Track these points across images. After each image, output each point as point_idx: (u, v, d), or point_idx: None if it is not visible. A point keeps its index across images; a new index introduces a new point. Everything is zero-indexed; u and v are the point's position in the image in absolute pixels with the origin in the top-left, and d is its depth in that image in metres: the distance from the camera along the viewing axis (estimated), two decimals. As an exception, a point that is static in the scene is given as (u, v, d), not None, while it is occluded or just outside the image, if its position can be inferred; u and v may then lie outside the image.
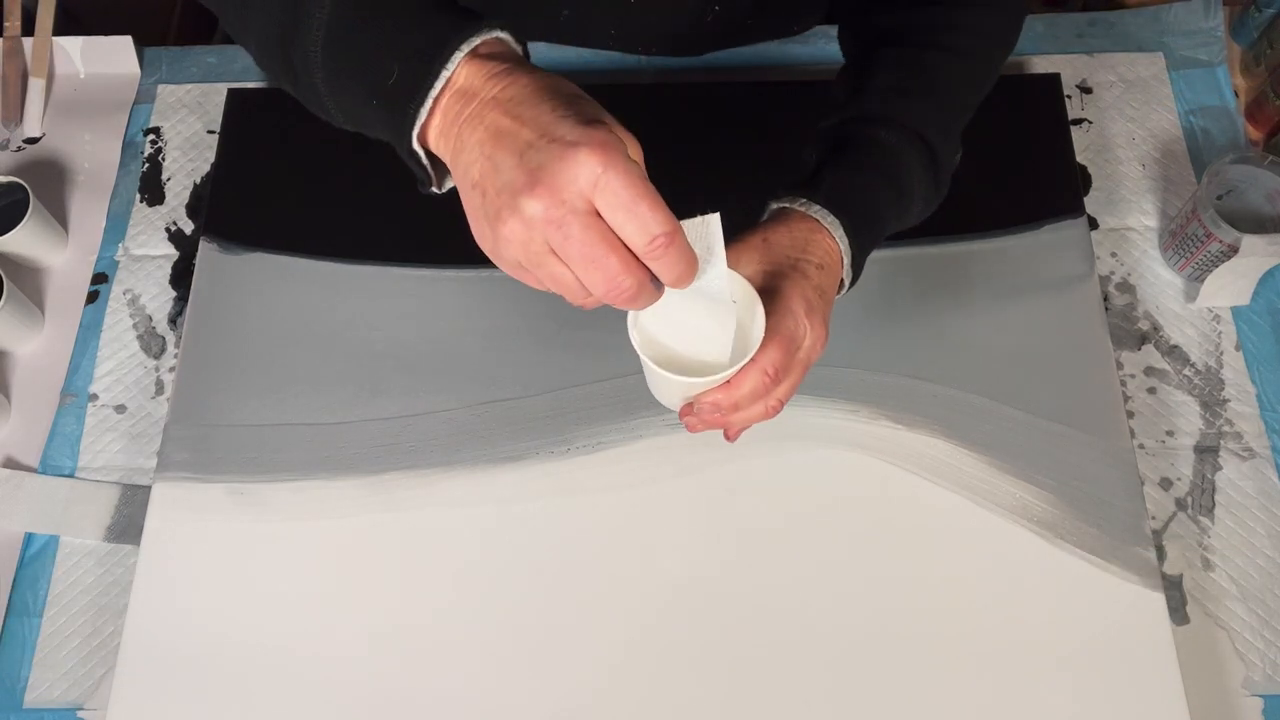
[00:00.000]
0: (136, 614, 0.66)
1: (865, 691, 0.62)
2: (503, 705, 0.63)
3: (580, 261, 0.40)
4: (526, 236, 0.40)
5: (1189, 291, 0.76)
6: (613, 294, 0.41)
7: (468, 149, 0.42)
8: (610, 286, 0.41)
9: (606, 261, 0.40)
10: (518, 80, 0.42)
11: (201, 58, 0.91)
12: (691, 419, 0.52)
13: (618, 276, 0.40)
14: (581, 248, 0.39)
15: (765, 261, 0.53)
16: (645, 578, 0.66)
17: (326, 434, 0.71)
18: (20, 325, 0.77)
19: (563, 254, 0.40)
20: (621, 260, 0.40)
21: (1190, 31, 0.87)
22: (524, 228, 0.40)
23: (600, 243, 0.39)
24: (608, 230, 0.40)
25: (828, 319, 0.53)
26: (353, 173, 0.80)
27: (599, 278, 0.40)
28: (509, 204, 0.40)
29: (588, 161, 0.38)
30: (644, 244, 0.40)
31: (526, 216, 0.39)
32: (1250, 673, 0.65)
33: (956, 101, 0.62)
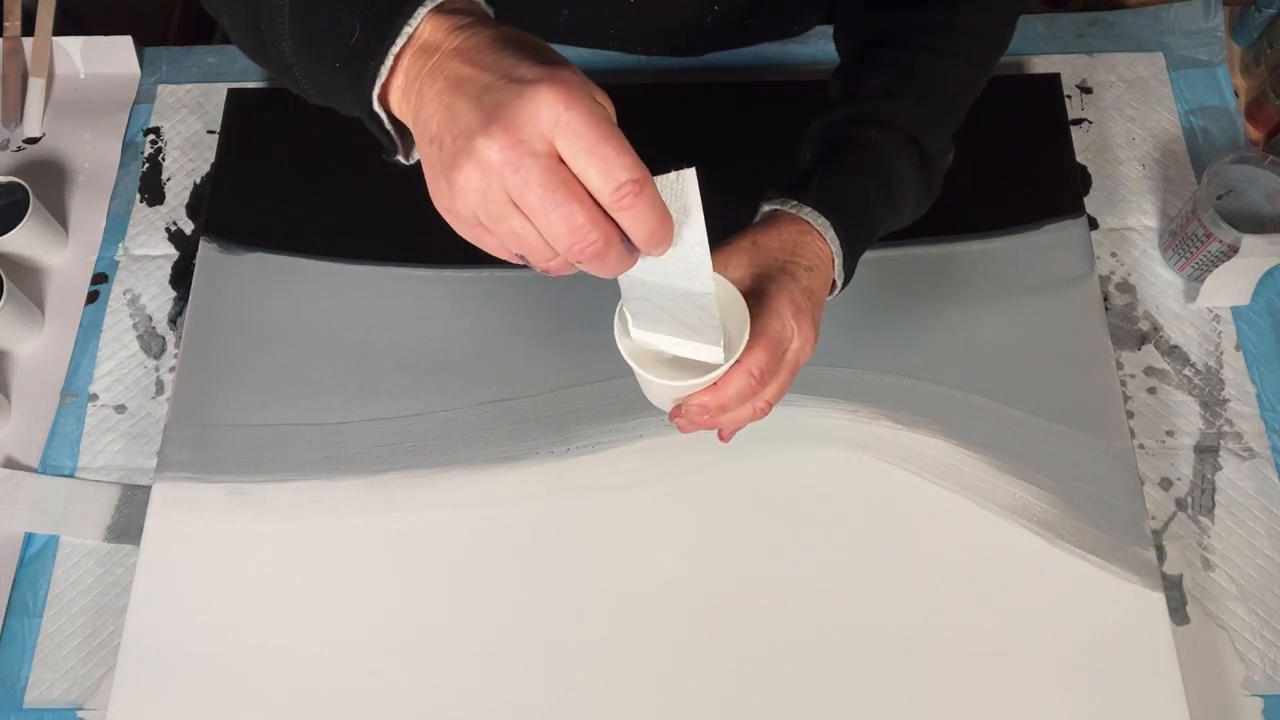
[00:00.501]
0: (136, 614, 0.66)
1: (865, 691, 0.62)
2: (503, 704, 0.63)
3: (541, 209, 0.37)
4: (484, 183, 0.37)
5: (1189, 291, 0.76)
6: (578, 248, 0.37)
7: (427, 102, 0.39)
8: (575, 239, 0.37)
9: (569, 209, 0.36)
10: (481, 31, 0.40)
11: (201, 58, 0.91)
12: (681, 420, 0.52)
13: (582, 228, 0.37)
14: (542, 194, 0.36)
15: (754, 264, 0.53)
16: (645, 577, 0.66)
17: (326, 434, 0.71)
18: (20, 325, 0.77)
19: (522, 202, 0.37)
20: (586, 210, 0.37)
21: (1190, 31, 0.87)
22: (481, 173, 0.37)
23: (562, 188, 0.36)
24: (570, 176, 0.37)
25: (818, 321, 0.53)
26: (353, 173, 0.80)
27: (562, 229, 0.37)
28: (464, 148, 0.37)
29: (548, 99, 0.35)
30: (610, 191, 0.36)
31: (483, 159, 0.36)
32: (1250, 673, 0.65)
33: (949, 103, 0.62)
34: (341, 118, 0.82)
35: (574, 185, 0.36)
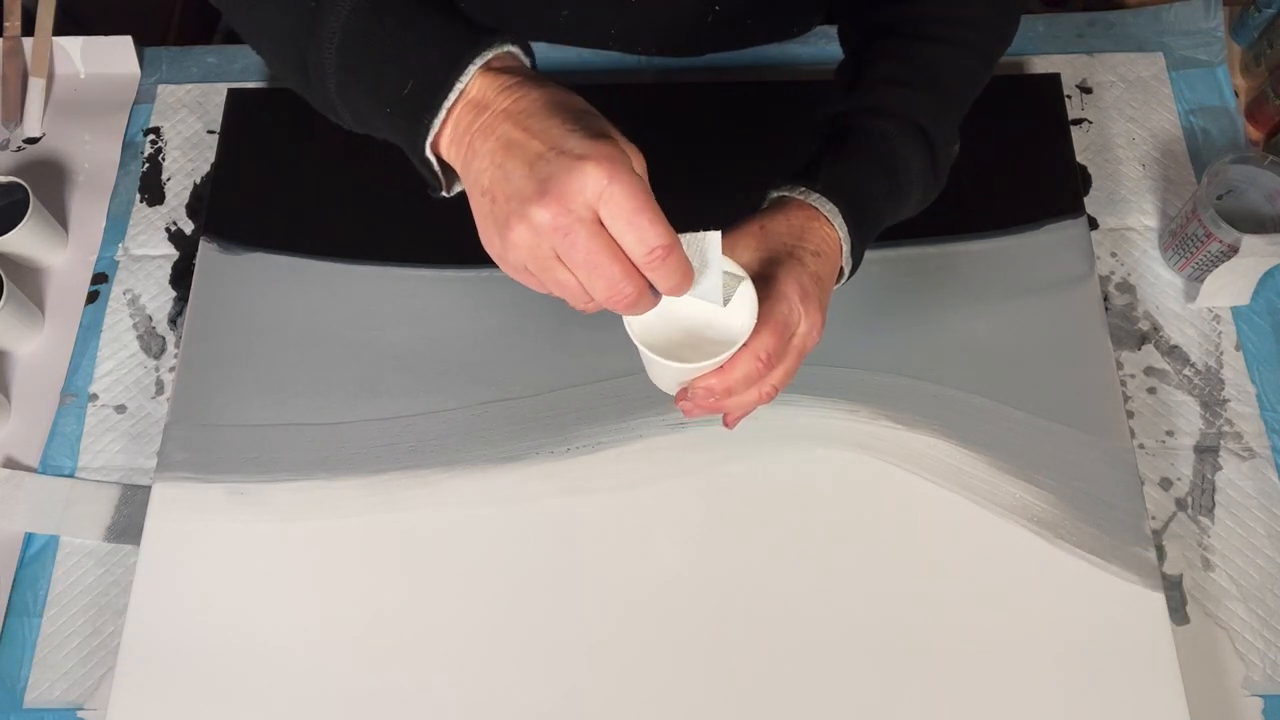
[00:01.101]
0: (136, 614, 0.66)
1: (865, 691, 0.62)
2: (503, 704, 0.63)
3: (584, 268, 0.42)
4: (534, 243, 0.42)
5: (1189, 291, 0.76)
6: (613, 299, 0.43)
7: (479, 157, 0.44)
8: (611, 293, 0.43)
9: (609, 269, 0.42)
10: (529, 94, 0.44)
11: (201, 58, 0.91)
12: (686, 404, 0.53)
13: (619, 283, 0.42)
14: (586, 255, 0.41)
15: (762, 249, 0.53)
16: (645, 577, 0.66)
17: (326, 434, 0.71)
18: (20, 325, 0.77)
19: (568, 260, 0.42)
20: (623, 268, 0.42)
21: (1190, 31, 0.87)
22: (532, 234, 0.42)
23: (603, 251, 0.42)
24: (611, 240, 0.42)
25: (825, 306, 0.53)
26: (353, 173, 0.80)
27: (601, 284, 0.42)
28: (518, 211, 0.42)
29: (594, 174, 0.40)
30: (643, 254, 0.42)
31: (535, 224, 0.41)
32: (1250, 673, 0.65)
33: (954, 93, 0.62)
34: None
35: (613, 248, 0.42)
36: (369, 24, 0.46)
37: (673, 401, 0.54)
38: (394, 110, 0.46)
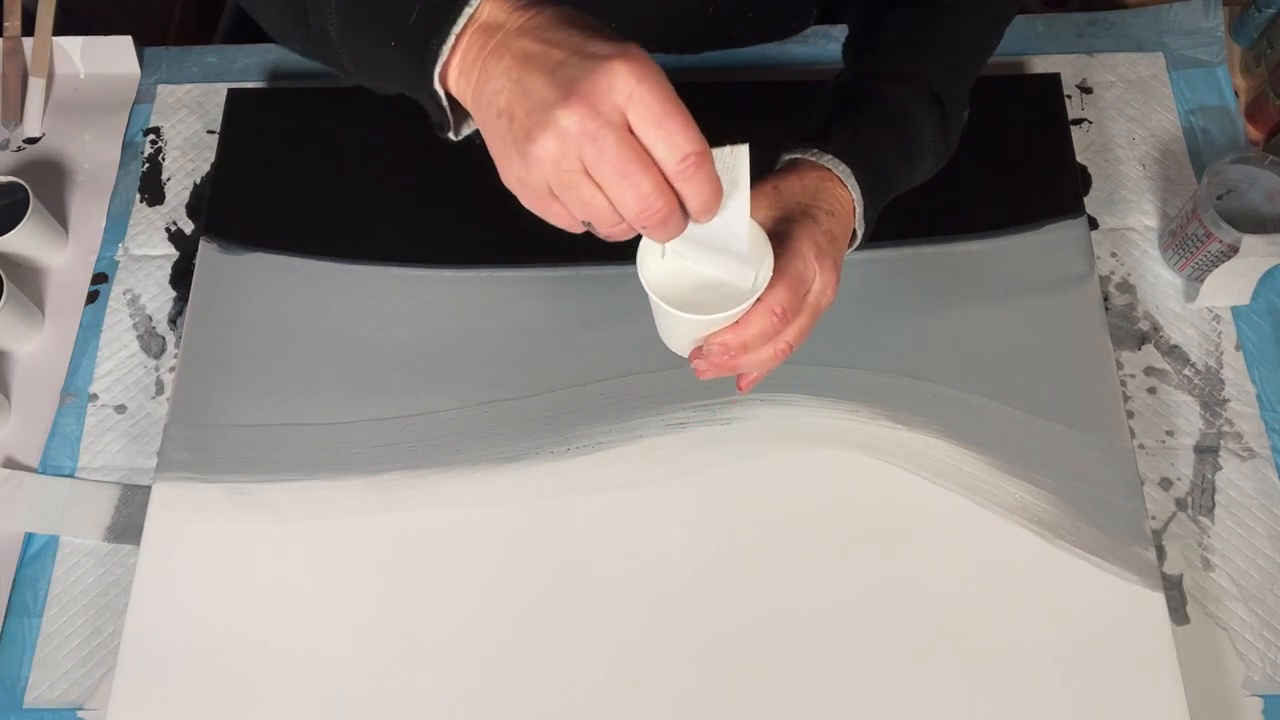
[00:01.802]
0: (136, 614, 0.66)
1: (865, 691, 0.62)
2: (502, 704, 0.63)
3: (613, 177, 0.40)
4: (560, 152, 0.40)
5: (1189, 291, 0.76)
6: (644, 215, 0.41)
7: (494, 78, 0.41)
8: (642, 207, 0.40)
9: (640, 179, 0.40)
10: (544, 10, 0.42)
11: (201, 58, 0.91)
12: (701, 362, 0.51)
13: (650, 196, 0.40)
14: (616, 162, 0.39)
15: (776, 208, 0.53)
16: (645, 577, 0.66)
17: (326, 434, 0.71)
18: (20, 325, 0.77)
19: (595, 170, 0.40)
20: (653, 180, 0.40)
21: (1190, 31, 0.87)
22: (558, 142, 0.39)
23: (634, 158, 0.39)
24: (640, 148, 0.39)
25: (839, 264, 0.53)
26: (352, 173, 0.80)
27: (631, 196, 0.40)
28: (541, 120, 0.39)
29: (622, 73, 0.38)
30: (675, 162, 0.39)
31: (561, 128, 0.39)
32: (1250, 673, 0.65)
33: (964, 60, 0.62)
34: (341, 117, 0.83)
35: (643, 157, 0.39)
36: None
37: (687, 360, 0.53)
38: (399, 42, 0.44)
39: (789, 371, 0.71)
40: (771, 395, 0.70)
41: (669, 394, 0.71)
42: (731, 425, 0.70)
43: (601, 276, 0.75)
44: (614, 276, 0.75)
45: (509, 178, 0.43)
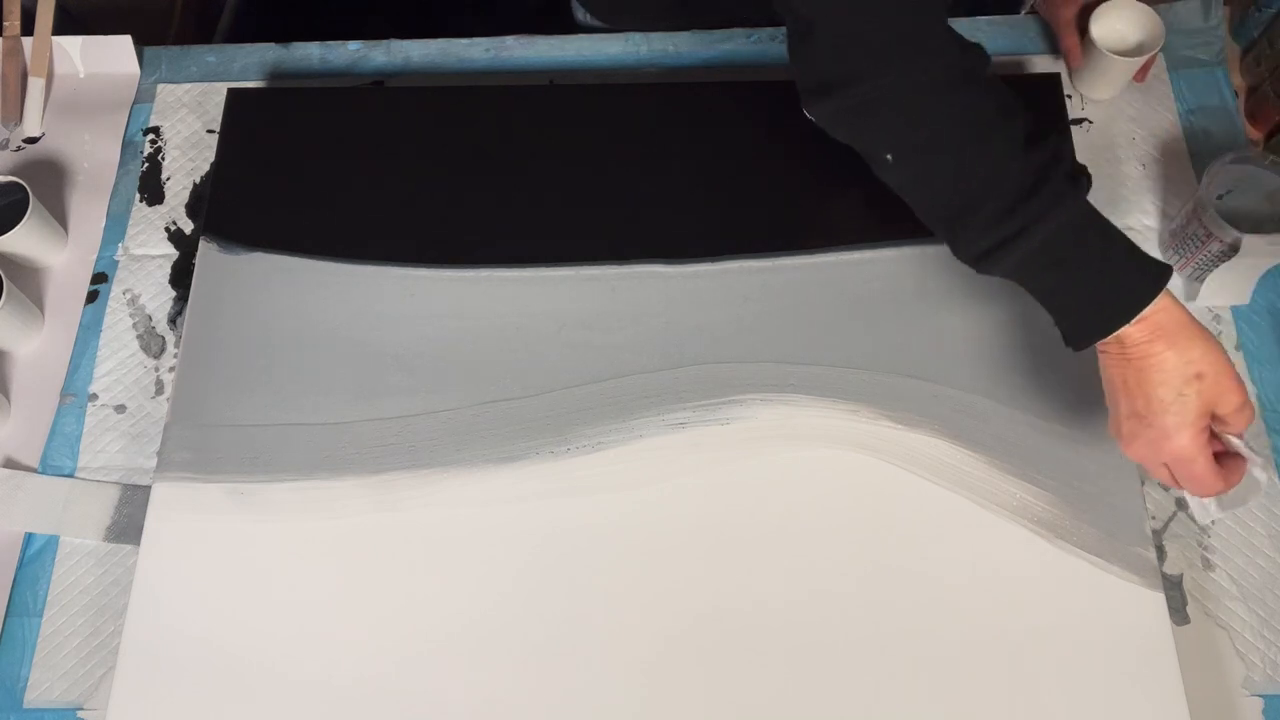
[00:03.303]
0: (136, 614, 0.66)
1: (865, 691, 0.62)
2: (502, 704, 0.63)
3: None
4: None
5: (1189, 291, 0.76)
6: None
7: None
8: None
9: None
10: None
11: (201, 57, 0.91)
12: None
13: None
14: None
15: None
16: (645, 577, 0.66)
17: (326, 434, 0.70)
18: (20, 325, 0.77)
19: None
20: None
21: (1190, 31, 0.87)
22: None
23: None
24: None
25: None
26: (353, 173, 0.80)
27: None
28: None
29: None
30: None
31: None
32: (1250, 673, 0.65)
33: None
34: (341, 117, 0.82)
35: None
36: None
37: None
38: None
39: (789, 371, 0.71)
40: (771, 395, 0.70)
41: (669, 394, 0.71)
42: (731, 425, 0.70)
43: (601, 276, 0.75)
44: (614, 276, 0.75)
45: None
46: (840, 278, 0.74)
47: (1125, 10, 0.81)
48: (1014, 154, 0.53)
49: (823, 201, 0.77)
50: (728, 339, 0.72)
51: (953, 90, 0.54)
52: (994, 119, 0.54)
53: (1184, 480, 0.56)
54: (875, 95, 0.54)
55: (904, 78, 0.53)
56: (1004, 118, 0.54)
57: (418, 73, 0.90)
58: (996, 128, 0.54)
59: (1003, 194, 0.53)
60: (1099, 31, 0.80)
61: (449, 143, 0.80)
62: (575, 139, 0.80)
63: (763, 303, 0.73)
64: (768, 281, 0.74)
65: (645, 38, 0.90)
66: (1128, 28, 0.81)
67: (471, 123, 0.81)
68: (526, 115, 0.81)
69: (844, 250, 0.74)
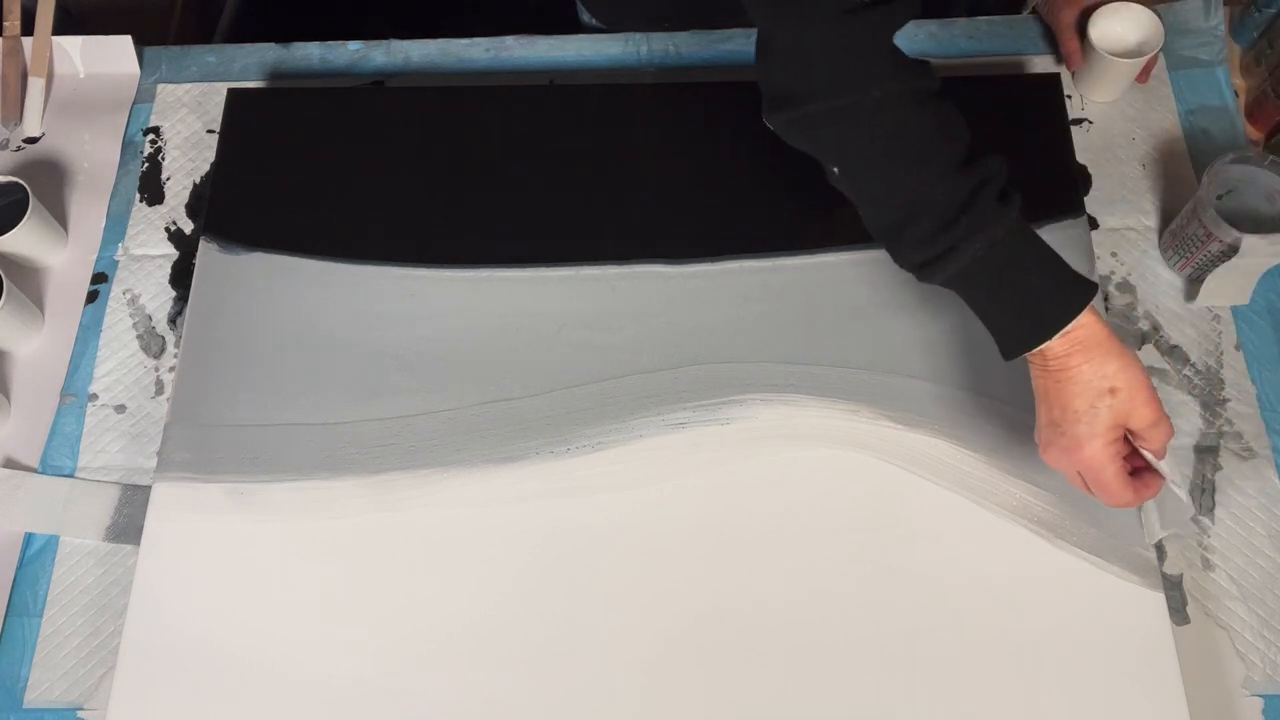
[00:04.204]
0: (136, 614, 0.66)
1: (865, 690, 0.62)
2: (502, 704, 0.63)
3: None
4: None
5: (1189, 291, 0.76)
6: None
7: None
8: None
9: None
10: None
11: (201, 57, 0.91)
12: None
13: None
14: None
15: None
16: (645, 577, 0.66)
17: (326, 434, 0.70)
18: (20, 325, 0.77)
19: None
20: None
21: (1190, 31, 0.87)
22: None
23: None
24: None
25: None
26: (352, 173, 0.80)
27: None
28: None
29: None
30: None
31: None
32: (1250, 673, 0.65)
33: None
34: (341, 118, 0.82)
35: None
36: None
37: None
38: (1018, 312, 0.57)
39: (789, 371, 0.71)
40: (771, 395, 0.70)
41: (669, 394, 0.71)
42: (731, 425, 0.70)
43: (601, 276, 0.75)
44: (614, 276, 0.75)
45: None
46: (840, 278, 0.74)
47: (1124, 12, 0.81)
48: (946, 176, 0.56)
49: (823, 201, 0.76)
50: (728, 339, 0.72)
51: (893, 112, 0.56)
52: (932, 141, 0.57)
53: (1094, 487, 0.58)
54: (821, 112, 0.57)
55: (847, 98, 0.56)
56: (942, 140, 0.57)
57: (418, 73, 0.90)
58: (932, 150, 0.56)
59: (933, 214, 0.56)
60: (1098, 34, 0.80)
61: (449, 143, 0.80)
62: (575, 139, 0.80)
63: (763, 303, 0.73)
64: (768, 281, 0.74)
65: (645, 38, 0.90)
66: (1127, 30, 0.81)
67: (471, 123, 0.81)
68: (526, 115, 0.81)
69: (844, 250, 0.74)
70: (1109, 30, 0.81)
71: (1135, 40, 0.81)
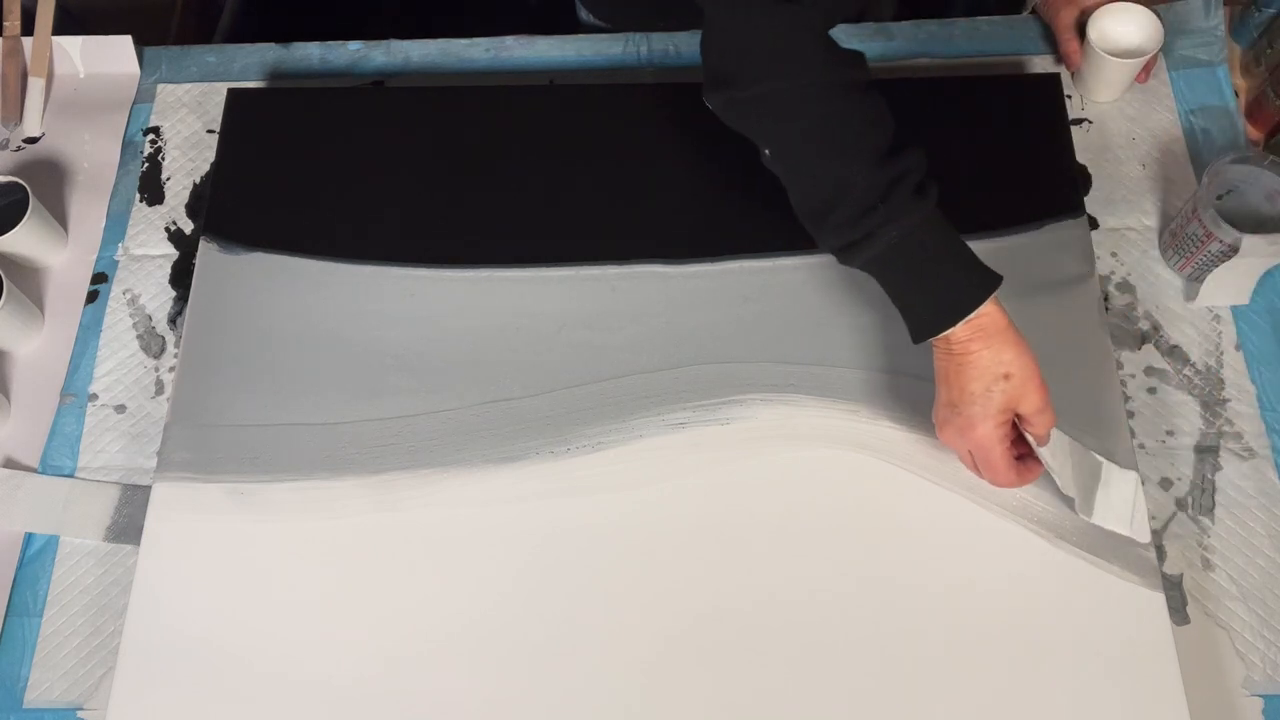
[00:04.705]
0: (136, 614, 0.66)
1: (865, 690, 0.62)
2: (502, 704, 0.63)
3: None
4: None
5: (1189, 291, 0.76)
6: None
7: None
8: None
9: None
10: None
11: (201, 57, 0.91)
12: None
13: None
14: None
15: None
16: (645, 577, 0.66)
17: (326, 434, 0.70)
18: (20, 325, 0.77)
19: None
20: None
21: (1190, 31, 0.87)
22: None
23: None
24: None
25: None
26: (352, 173, 0.80)
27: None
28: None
29: None
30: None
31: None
32: (1250, 673, 0.65)
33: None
34: (341, 118, 0.82)
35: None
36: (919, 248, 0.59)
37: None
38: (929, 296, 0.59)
39: (789, 371, 0.71)
40: (771, 395, 0.70)
41: (669, 394, 0.71)
42: (731, 425, 0.70)
43: (601, 276, 0.75)
44: (614, 276, 0.75)
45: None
46: (840, 278, 0.73)
47: (1123, 13, 0.81)
48: (867, 166, 0.58)
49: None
50: (728, 339, 0.72)
51: (819, 101, 0.58)
52: (856, 132, 0.58)
53: (982, 466, 0.62)
54: (753, 97, 0.60)
55: (777, 85, 0.58)
56: (866, 131, 0.59)
57: (418, 73, 0.90)
58: (856, 141, 0.58)
59: (853, 201, 0.58)
60: (1097, 34, 0.80)
61: (449, 143, 0.80)
62: (575, 139, 0.80)
63: (763, 303, 0.73)
64: (768, 281, 0.74)
65: (645, 38, 0.90)
66: (1126, 30, 0.81)
67: (471, 123, 0.81)
68: (526, 115, 0.81)
69: (844, 250, 0.74)
70: (1108, 30, 0.81)
71: (1134, 41, 0.81)
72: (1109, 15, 0.81)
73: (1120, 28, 0.81)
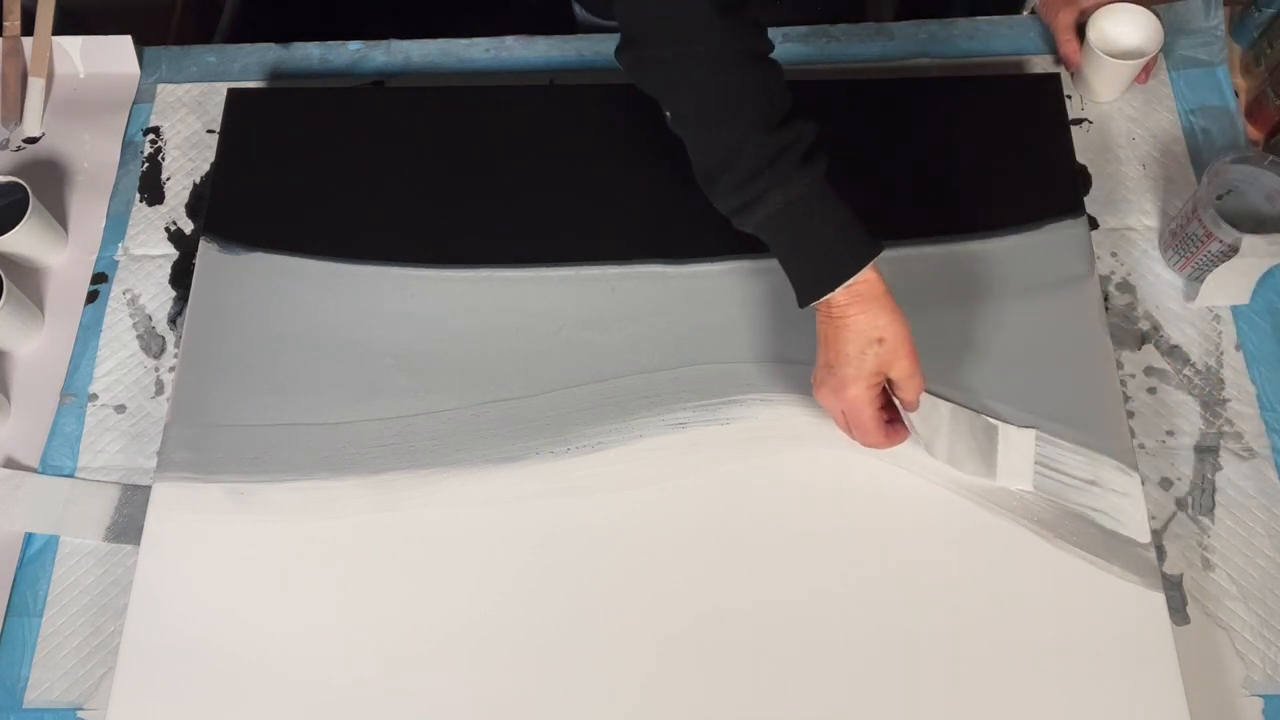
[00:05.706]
0: (136, 614, 0.66)
1: (865, 690, 0.62)
2: (502, 704, 0.63)
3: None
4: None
5: (1189, 291, 0.76)
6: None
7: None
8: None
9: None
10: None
11: (201, 57, 0.91)
12: None
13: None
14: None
15: None
16: (645, 577, 0.66)
17: (326, 434, 0.70)
18: (20, 325, 0.77)
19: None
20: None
21: (1190, 31, 0.87)
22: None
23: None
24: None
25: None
26: (352, 173, 0.80)
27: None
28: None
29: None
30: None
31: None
32: (1250, 673, 0.65)
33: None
34: (341, 118, 0.82)
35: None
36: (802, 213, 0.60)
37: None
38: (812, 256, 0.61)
39: (789, 371, 0.71)
40: (771, 395, 0.70)
41: (669, 394, 0.71)
42: (731, 425, 0.70)
43: (601, 276, 0.75)
44: (614, 276, 0.75)
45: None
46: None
47: (1122, 13, 0.81)
48: (758, 133, 0.59)
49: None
50: (728, 339, 0.72)
51: (718, 67, 0.60)
52: (750, 99, 0.60)
53: (853, 426, 0.64)
54: (655, 59, 0.61)
55: (677, 49, 0.60)
56: (759, 98, 0.60)
57: (418, 73, 0.90)
58: (749, 108, 0.59)
59: (738, 168, 0.59)
60: (1096, 35, 0.80)
61: (449, 143, 0.80)
62: (575, 139, 0.80)
63: (763, 303, 0.73)
64: (768, 281, 0.74)
65: (645, 38, 0.90)
66: (1125, 31, 0.81)
67: (471, 123, 0.81)
68: (526, 115, 0.81)
69: (844, 250, 0.74)
70: (1107, 31, 0.81)
71: (1134, 42, 0.81)
72: (1108, 16, 0.81)
73: (1120, 28, 0.81)
